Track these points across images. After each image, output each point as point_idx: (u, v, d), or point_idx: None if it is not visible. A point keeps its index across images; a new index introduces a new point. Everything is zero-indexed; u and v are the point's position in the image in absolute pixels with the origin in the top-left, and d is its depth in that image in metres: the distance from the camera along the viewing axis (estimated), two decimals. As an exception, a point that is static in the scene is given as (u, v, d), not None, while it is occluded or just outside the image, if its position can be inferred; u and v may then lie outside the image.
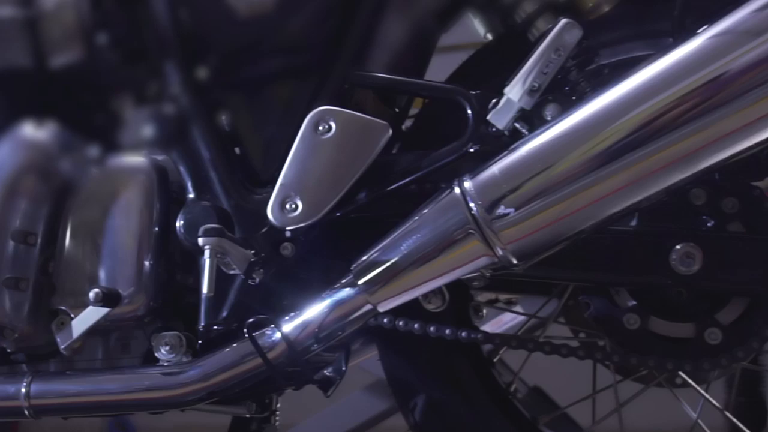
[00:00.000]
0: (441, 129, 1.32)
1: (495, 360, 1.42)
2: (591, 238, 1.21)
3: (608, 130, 1.10)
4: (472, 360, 1.38)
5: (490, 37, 1.41)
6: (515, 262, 1.15)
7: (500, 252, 1.14)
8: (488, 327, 1.94)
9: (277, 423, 1.57)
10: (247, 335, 1.23)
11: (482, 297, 1.67)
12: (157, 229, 1.36)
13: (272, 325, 1.24)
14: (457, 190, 1.15)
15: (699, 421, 1.36)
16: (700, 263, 1.19)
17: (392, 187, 1.29)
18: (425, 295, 1.23)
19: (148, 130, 1.38)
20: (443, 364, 1.36)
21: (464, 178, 1.16)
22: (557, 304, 1.39)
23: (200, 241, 1.20)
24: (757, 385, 2.29)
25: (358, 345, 1.60)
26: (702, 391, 1.35)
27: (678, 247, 1.20)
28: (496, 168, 1.14)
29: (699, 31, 1.11)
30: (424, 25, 1.39)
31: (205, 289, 1.20)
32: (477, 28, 1.45)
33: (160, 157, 1.38)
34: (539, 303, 1.48)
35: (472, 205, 1.13)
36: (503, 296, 1.69)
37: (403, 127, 1.43)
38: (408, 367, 1.37)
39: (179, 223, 1.33)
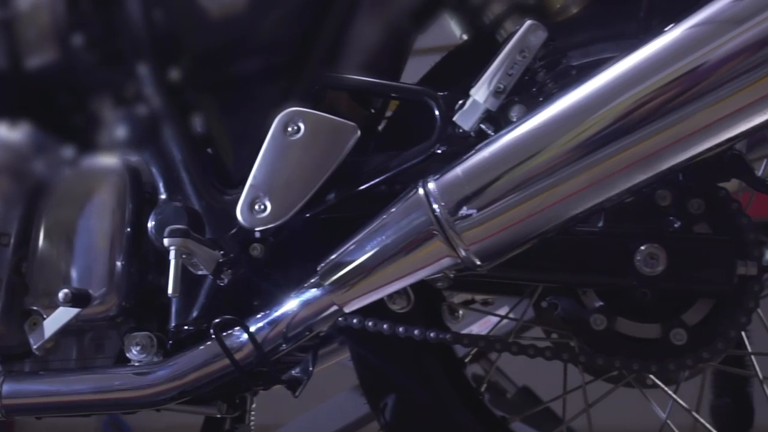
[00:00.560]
0: (413, 130, 1.32)
1: (467, 360, 1.42)
2: (558, 239, 1.22)
3: (569, 131, 1.10)
4: (443, 360, 1.38)
5: (465, 38, 1.42)
6: (479, 263, 1.16)
7: (463, 253, 1.14)
8: (475, 328, 1.94)
9: (252, 423, 1.58)
10: (213, 336, 1.24)
11: (458, 298, 1.69)
12: (129, 229, 1.36)
13: (239, 326, 1.24)
14: (420, 191, 1.16)
15: (668, 422, 1.36)
16: (665, 264, 1.19)
17: (361, 187, 1.29)
18: (390, 296, 1.23)
19: (121, 132, 1.39)
20: (413, 365, 1.36)
21: (428, 180, 1.16)
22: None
23: (165, 241, 1.21)
24: (743, 386, 2.29)
25: (337, 344, 1.61)
26: (670, 392, 1.35)
27: (642, 248, 1.20)
28: (459, 169, 1.15)
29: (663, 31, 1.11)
30: (398, 25, 1.39)
31: (170, 290, 1.21)
32: (453, 29, 1.45)
33: (133, 158, 1.39)
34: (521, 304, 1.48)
35: (435, 206, 1.14)
36: (479, 297, 1.69)
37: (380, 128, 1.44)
38: (378, 368, 1.37)
39: (150, 224, 1.34)
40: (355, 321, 1.28)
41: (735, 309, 1.22)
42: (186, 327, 1.32)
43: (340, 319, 1.28)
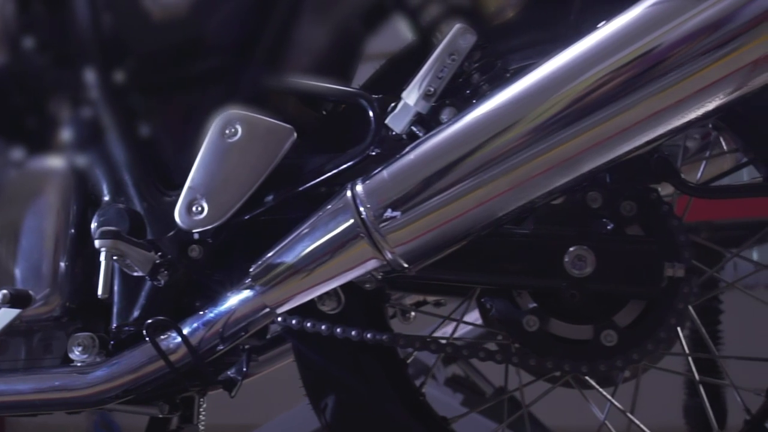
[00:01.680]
0: (354, 132, 1.33)
1: (409, 361, 1.43)
2: (489, 240, 1.23)
3: (491, 134, 1.11)
4: (384, 361, 1.39)
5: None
6: (405, 265, 1.17)
7: (389, 255, 1.15)
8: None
9: (202, 423, 1.59)
10: (147, 337, 1.25)
11: (411, 299, 1.70)
12: (73, 231, 1.37)
13: (172, 327, 1.25)
14: (348, 193, 1.17)
15: (606, 422, 1.37)
16: (593, 266, 1.20)
17: (300, 189, 1.30)
18: (320, 297, 1.24)
19: (67, 133, 1.40)
20: (354, 365, 1.37)
21: (356, 182, 1.17)
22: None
23: (96, 243, 1.22)
24: (717, 387, 2.30)
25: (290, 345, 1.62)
26: (605, 393, 1.36)
27: (571, 249, 1.21)
28: (385, 172, 1.16)
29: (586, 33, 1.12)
30: (345, 28, 1.40)
31: (99, 291, 1.22)
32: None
33: (79, 160, 1.40)
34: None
35: (361, 208, 1.15)
36: (431, 298, 1.70)
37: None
38: (320, 368, 1.38)
39: (93, 225, 1.35)
40: (294, 322, 1.29)
41: (665, 310, 1.22)
42: (127, 328, 1.33)
43: (279, 319, 1.29)
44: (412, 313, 1.65)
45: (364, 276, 1.19)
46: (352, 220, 1.15)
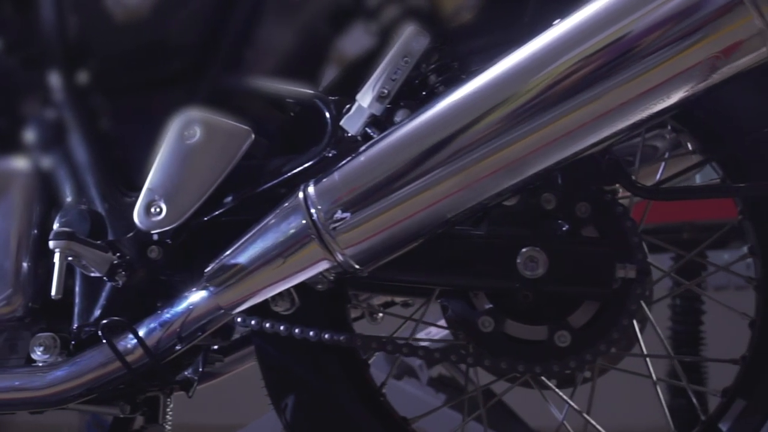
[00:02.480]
0: (313, 133, 1.33)
1: (370, 362, 1.43)
2: (445, 241, 1.24)
3: (438, 135, 1.12)
4: (345, 361, 1.39)
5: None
6: (357, 266, 1.17)
7: (340, 257, 1.16)
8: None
9: (169, 422, 1.60)
10: (102, 338, 1.26)
11: (378, 299, 1.70)
12: (36, 231, 1.38)
13: (127, 328, 1.26)
14: (300, 194, 1.17)
15: (565, 423, 1.37)
16: (545, 267, 1.21)
17: (258, 190, 1.31)
18: (273, 298, 1.24)
19: (30, 134, 1.41)
20: (314, 365, 1.37)
21: (309, 184, 1.18)
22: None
23: (50, 244, 1.23)
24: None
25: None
26: (561, 394, 1.37)
27: (523, 250, 1.21)
28: (336, 174, 1.17)
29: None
30: (311, 30, 1.40)
31: (53, 292, 1.23)
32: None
33: (42, 161, 1.41)
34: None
35: (312, 210, 1.16)
36: (398, 299, 1.70)
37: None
38: (281, 368, 1.39)
39: (55, 226, 1.35)
40: (253, 322, 1.29)
41: (617, 311, 1.23)
42: (87, 328, 1.34)
43: (239, 320, 1.29)
44: (380, 315, 1.66)
45: (316, 277, 1.19)
46: (303, 222, 1.16)
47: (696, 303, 2.72)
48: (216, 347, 1.61)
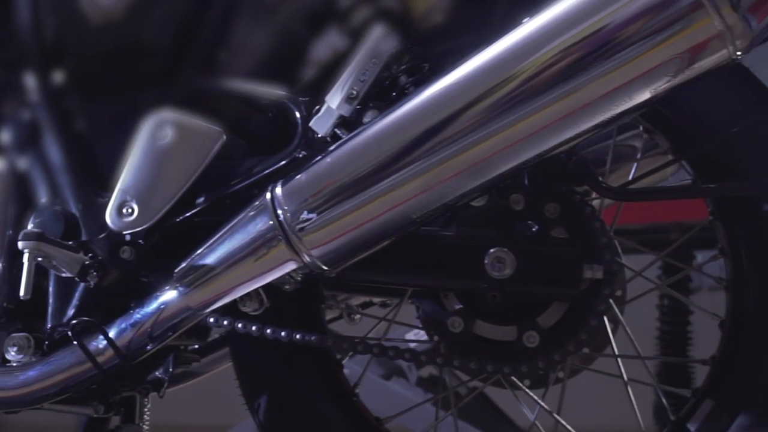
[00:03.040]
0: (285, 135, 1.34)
1: (344, 362, 1.43)
2: (414, 241, 1.24)
3: (401, 137, 1.13)
4: (318, 361, 1.39)
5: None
6: (324, 267, 1.18)
7: (306, 258, 1.16)
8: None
9: (146, 422, 1.60)
10: (73, 338, 1.26)
11: (356, 300, 1.71)
12: (11, 232, 1.38)
13: (97, 329, 1.26)
14: (268, 195, 1.18)
15: (536, 423, 1.38)
16: (512, 267, 1.21)
17: (229, 191, 1.31)
18: (241, 298, 1.25)
19: (4, 135, 1.41)
20: (287, 365, 1.38)
21: (277, 184, 1.18)
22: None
23: (19, 245, 1.23)
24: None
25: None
26: (532, 394, 1.37)
27: (491, 251, 1.21)
28: (303, 175, 1.17)
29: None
30: (287, 31, 1.41)
31: (21, 292, 1.23)
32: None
33: (17, 162, 1.41)
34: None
35: (279, 211, 1.16)
36: (377, 299, 1.71)
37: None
38: (254, 368, 1.39)
39: (29, 227, 1.36)
40: (225, 322, 1.30)
41: (585, 311, 1.23)
42: (60, 328, 1.34)
43: (211, 320, 1.30)
44: (358, 315, 1.66)
45: (284, 278, 1.20)
46: (270, 223, 1.17)
47: (684, 303, 2.71)
48: (193, 347, 1.61)
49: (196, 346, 1.63)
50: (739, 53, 1.05)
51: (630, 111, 1.09)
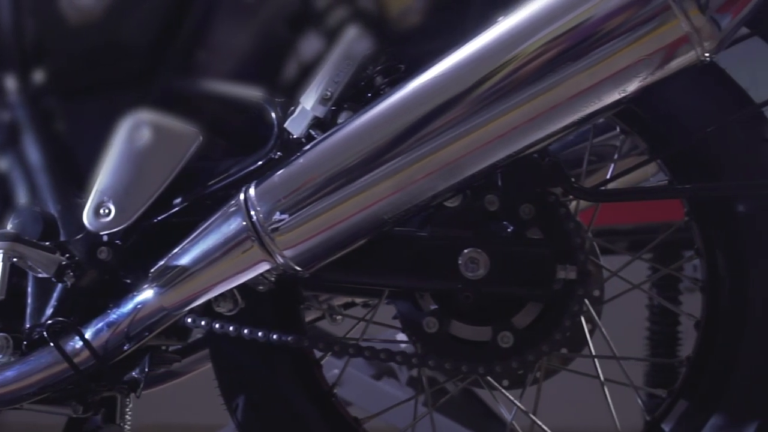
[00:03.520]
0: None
1: (323, 362, 1.44)
2: (389, 242, 1.24)
3: (373, 138, 1.13)
4: (296, 361, 1.40)
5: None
6: (297, 268, 1.18)
7: (279, 259, 1.17)
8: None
9: (128, 422, 1.60)
10: (48, 339, 1.26)
11: (338, 300, 1.71)
12: None
13: (72, 329, 1.26)
14: (241, 196, 1.18)
15: (513, 422, 1.38)
16: (486, 268, 1.21)
17: (206, 191, 1.32)
18: (215, 299, 1.25)
19: None
20: (265, 365, 1.38)
21: (250, 185, 1.19)
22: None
23: (-7, 245, 1.24)
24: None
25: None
26: (508, 395, 1.37)
27: (465, 251, 1.22)
28: (276, 176, 1.17)
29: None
30: (267, 32, 1.41)
31: (-3, 293, 1.24)
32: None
33: (-2, 162, 1.42)
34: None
35: (252, 212, 1.16)
36: (359, 300, 1.71)
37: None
38: (233, 368, 1.40)
39: (8, 227, 1.36)
40: (203, 323, 1.30)
41: (559, 312, 1.23)
42: (38, 329, 1.35)
43: (188, 320, 1.30)
44: (338, 317, 1.66)
45: (257, 278, 1.20)
46: (243, 223, 1.17)
47: (673, 303, 2.71)
48: (175, 347, 1.62)
49: (179, 346, 1.63)
50: (707, 54, 1.05)
51: (601, 111, 1.10)
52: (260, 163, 1.29)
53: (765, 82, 1.37)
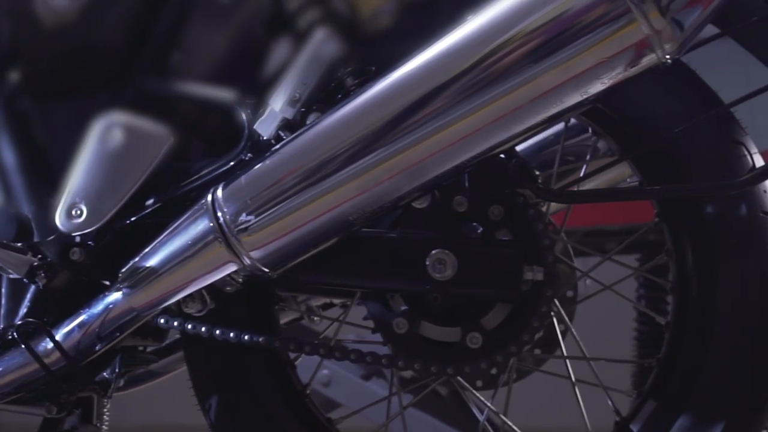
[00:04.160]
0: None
1: (297, 363, 1.44)
2: (359, 243, 1.25)
3: (337, 139, 1.14)
4: (270, 362, 1.40)
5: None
6: (265, 269, 1.19)
7: (246, 260, 1.17)
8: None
9: (106, 422, 1.61)
10: (19, 340, 1.27)
11: (316, 300, 1.71)
12: None
13: (42, 330, 1.27)
14: (209, 198, 1.19)
15: (485, 423, 1.38)
16: (453, 269, 1.22)
17: (178, 193, 1.32)
18: (183, 299, 1.25)
19: None
20: (238, 366, 1.39)
21: (218, 187, 1.19)
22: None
23: (-39, 247, 1.24)
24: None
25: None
26: (479, 396, 1.38)
27: (432, 252, 1.22)
28: (243, 177, 1.18)
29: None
30: (237, 34, 1.41)
31: (-33, 293, 1.24)
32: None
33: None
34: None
35: (219, 213, 1.17)
36: (337, 300, 1.71)
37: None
38: (206, 368, 1.40)
39: None
40: (175, 323, 1.31)
41: (528, 313, 1.24)
42: (11, 329, 1.35)
43: (161, 321, 1.31)
44: (316, 318, 1.67)
45: (224, 279, 1.21)
46: (210, 225, 1.18)
47: (661, 304, 2.71)
48: (155, 347, 1.62)
49: (156, 347, 1.63)
50: (668, 57, 1.05)
51: (565, 112, 1.10)
52: (231, 164, 1.30)
53: (735, 82, 1.36)
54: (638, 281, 2.71)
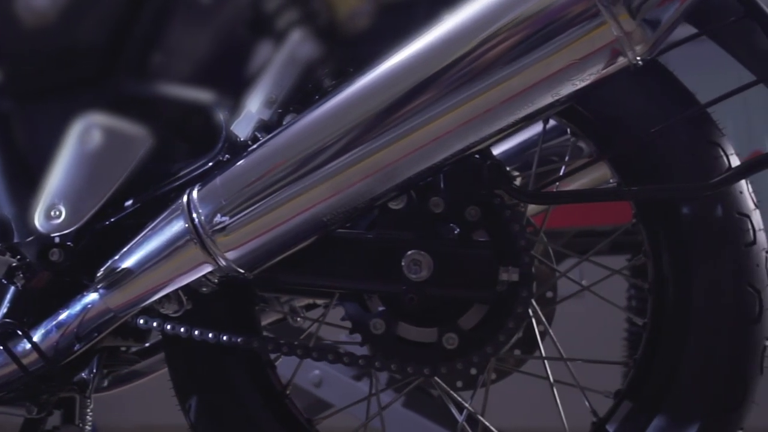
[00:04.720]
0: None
1: (277, 363, 1.44)
2: (335, 244, 1.25)
3: (310, 141, 1.14)
4: (250, 363, 1.41)
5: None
6: (241, 270, 1.19)
7: (222, 261, 1.17)
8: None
9: (89, 423, 1.61)
10: (-4, 340, 1.28)
11: (299, 301, 1.72)
12: None
13: (19, 331, 1.27)
14: (184, 199, 1.19)
15: (464, 423, 1.38)
16: (429, 270, 1.22)
17: (157, 193, 1.33)
18: (159, 300, 1.26)
19: None
20: (218, 366, 1.39)
21: (194, 188, 1.20)
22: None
23: (-62, 247, 1.25)
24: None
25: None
26: (458, 397, 1.38)
27: (408, 253, 1.22)
28: (218, 178, 1.18)
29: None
30: (221, 34, 1.41)
31: (-57, 294, 1.24)
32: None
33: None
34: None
35: (194, 214, 1.17)
36: (320, 300, 1.72)
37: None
38: (186, 369, 1.40)
39: None
40: (154, 324, 1.31)
41: (504, 313, 1.24)
42: (-9, 330, 1.35)
43: (140, 321, 1.31)
44: (298, 318, 1.67)
45: (200, 280, 1.21)
46: (185, 226, 1.18)
47: (646, 305, 2.71)
48: (139, 348, 1.63)
49: (138, 347, 1.64)
50: (639, 59, 1.05)
51: (536, 114, 1.10)
52: (209, 165, 1.30)
53: (712, 82, 1.37)
54: (629, 282, 2.71)
